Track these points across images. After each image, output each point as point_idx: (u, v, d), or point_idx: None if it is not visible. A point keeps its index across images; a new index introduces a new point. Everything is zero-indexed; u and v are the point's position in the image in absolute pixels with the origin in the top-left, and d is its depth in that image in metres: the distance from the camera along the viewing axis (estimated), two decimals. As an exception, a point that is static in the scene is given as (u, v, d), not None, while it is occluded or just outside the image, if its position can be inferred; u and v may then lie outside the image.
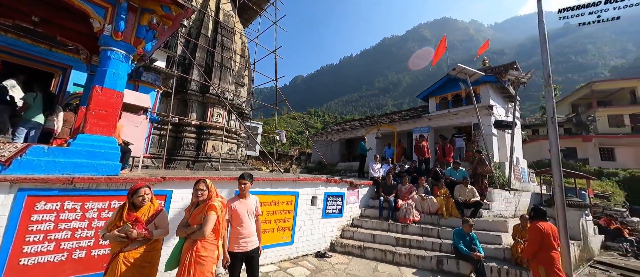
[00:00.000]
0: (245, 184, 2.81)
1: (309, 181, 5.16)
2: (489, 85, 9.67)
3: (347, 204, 6.05)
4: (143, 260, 2.16)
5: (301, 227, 4.94)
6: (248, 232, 2.72)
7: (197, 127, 8.99)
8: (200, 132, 9.04)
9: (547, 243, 3.64)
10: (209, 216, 2.27)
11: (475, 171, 6.50)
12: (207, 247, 2.25)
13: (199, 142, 9.09)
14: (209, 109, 9.35)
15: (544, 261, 3.63)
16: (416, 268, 4.85)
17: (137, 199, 2.22)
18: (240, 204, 2.78)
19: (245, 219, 2.73)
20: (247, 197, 2.87)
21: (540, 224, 3.74)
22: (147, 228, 2.18)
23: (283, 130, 11.37)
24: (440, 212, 6.04)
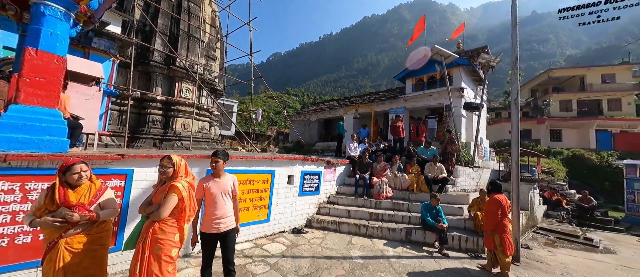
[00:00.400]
0: (217, 162, 2.60)
1: (285, 160, 5.08)
2: (461, 68, 10.03)
3: (324, 182, 6.13)
4: (92, 243, 1.96)
5: (277, 205, 4.92)
6: (221, 213, 2.56)
7: (163, 103, 8.28)
8: (168, 109, 8.36)
9: (504, 213, 4.04)
10: (169, 198, 2.08)
11: (446, 149, 6.88)
12: (166, 229, 2.06)
13: (166, 120, 8.43)
14: (177, 83, 8.60)
15: (500, 229, 4.03)
16: (387, 239, 5.16)
17: (71, 177, 1.95)
18: (214, 184, 2.59)
19: (219, 199, 2.56)
20: (222, 176, 2.67)
21: (499, 196, 4.11)
22: (90, 210, 1.96)
23: (259, 109, 10.96)
24: (411, 188, 6.39)
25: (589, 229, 8.51)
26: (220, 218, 2.55)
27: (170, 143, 8.09)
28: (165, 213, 2.04)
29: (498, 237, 4.02)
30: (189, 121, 8.60)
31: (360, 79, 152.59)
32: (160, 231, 2.03)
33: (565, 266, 4.85)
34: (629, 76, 25.24)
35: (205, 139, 9.34)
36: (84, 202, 1.97)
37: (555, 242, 6.64)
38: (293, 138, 18.00)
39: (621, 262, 5.37)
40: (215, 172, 2.64)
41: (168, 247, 2.02)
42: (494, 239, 4.06)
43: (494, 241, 4.06)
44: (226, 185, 2.65)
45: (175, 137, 8.22)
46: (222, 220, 2.56)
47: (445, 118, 10.04)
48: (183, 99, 8.62)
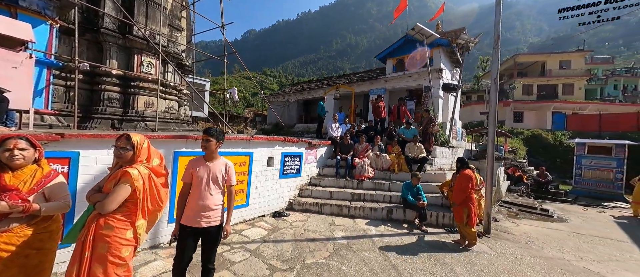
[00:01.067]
0: (208, 141, 2.13)
1: (264, 141, 4.72)
2: (441, 50, 10.07)
3: (305, 164, 5.91)
4: (28, 245, 1.54)
5: (257, 188, 4.63)
6: (205, 204, 2.10)
7: (120, 78, 7.27)
8: (127, 85, 7.36)
9: (473, 186, 4.17)
10: (119, 187, 1.67)
11: (426, 130, 6.95)
12: (115, 225, 1.66)
13: (125, 98, 7.45)
14: (136, 56, 7.55)
15: (468, 201, 4.16)
16: (369, 218, 5.18)
17: (4, 155, 1.51)
18: (203, 168, 2.15)
19: (203, 187, 2.11)
20: (214, 159, 2.20)
21: (467, 172, 4.21)
22: (26, 199, 1.52)
23: (234, 88, 10.18)
24: (392, 168, 6.43)
25: (545, 201, 9.45)
26: (202, 211, 2.10)
27: (132, 124, 7.25)
28: (111, 206, 1.63)
29: (467, 209, 4.16)
30: (153, 100, 7.71)
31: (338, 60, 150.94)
32: (106, 226, 1.63)
33: (528, 235, 5.27)
34: (582, 63, 27.73)
35: (173, 120, 8.54)
36: (23, 189, 1.52)
37: (518, 214, 7.24)
38: (271, 120, 17.39)
39: (573, 229, 6.00)
40: (207, 154, 2.19)
41: (117, 246, 1.63)
42: (463, 212, 4.20)
43: (463, 213, 4.20)
44: (216, 170, 2.17)
45: (137, 118, 7.36)
46: (204, 213, 2.10)
47: (424, 99, 10.18)
48: (144, 74, 7.65)
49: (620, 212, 8.30)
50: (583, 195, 10.86)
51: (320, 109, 9.09)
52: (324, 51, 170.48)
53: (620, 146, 10.46)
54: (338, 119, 7.71)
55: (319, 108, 9.05)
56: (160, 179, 1.92)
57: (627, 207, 8.88)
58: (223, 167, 2.22)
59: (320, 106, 9.09)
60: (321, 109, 9.05)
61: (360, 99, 13.78)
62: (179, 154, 3.50)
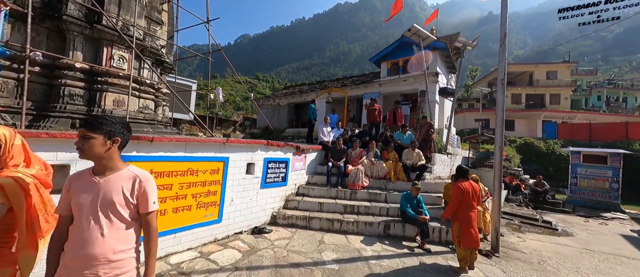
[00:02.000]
0: (87, 140, 1.20)
1: (243, 145, 4.04)
2: (437, 53, 9.73)
3: (293, 171, 5.24)
4: None
5: (232, 200, 3.92)
6: (88, 255, 1.16)
7: (86, 72, 6.43)
8: (93, 81, 6.52)
9: (466, 202, 3.59)
10: None
11: (426, 136, 6.44)
12: None
13: (91, 94, 6.60)
14: (105, 48, 6.74)
15: (460, 218, 3.58)
16: (364, 235, 4.53)
17: None
18: (88, 188, 1.23)
19: (87, 222, 1.19)
20: (111, 171, 1.28)
21: (461, 184, 3.65)
22: None
23: (219, 88, 9.46)
24: (388, 177, 5.85)
25: (544, 212, 9.08)
26: (87, 266, 1.16)
27: (98, 124, 6.38)
28: None
29: (457, 226, 3.60)
30: (124, 98, 6.90)
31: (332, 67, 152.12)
32: None
33: (539, 253, 4.75)
34: (568, 73, 28.49)
35: (148, 121, 7.69)
36: None
37: (521, 227, 6.76)
38: (261, 124, 16.65)
39: (582, 245, 5.53)
40: (96, 164, 1.26)
41: None
42: (454, 228, 3.65)
43: (454, 230, 3.65)
44: (113, 191, 1.24)
45: (104, 117, 6.50)
46: (91, 271, 1.16)
47: (420, 104, 9.76)
48: (114, 69, 6.84)
49: (622, 224, 7.99)
50: (579, 205, 10.61)
51: (312, 111, 8.46)
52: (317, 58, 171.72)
53: (616, 155, 10.31)
54: (330, 122, 7.11)
55: (310, 110, 8.41)
56: (44, 193, 1.24)
57: (626, 218, 8.61)
58: (128, 183, 1.28)
59: (312, 109, 8.46)
60: (312, 112, 8.42)
61: (354, 103, 13.29)
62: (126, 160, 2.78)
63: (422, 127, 6.71)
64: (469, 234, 3.43)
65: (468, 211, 3.52)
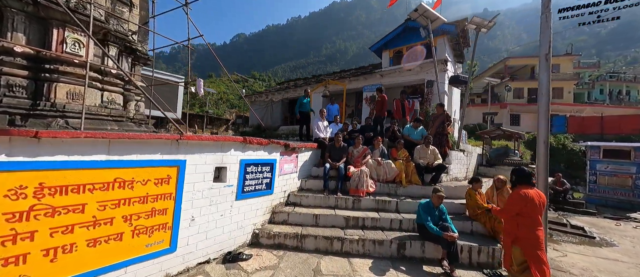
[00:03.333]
0: None
1: (207, 143, 2.96)
2: (446, 38, 8.71)
3: (280, 175, 4.18)
4: None
5: (193, 219, 2.85)
6: None
7: (31, 58, 5.29)
8: (39, 69, 5.38)
9: (531, 217, 2.58)
10: None
11: (442, 130, 5.40)
12: None
13: (37, 85, 5.46)
14: (54, 30, 5.58)
15: (524, 240, 2.58)
16: (372, 258, 3.49)
17: None
18: None
19: None
20: None
21: (525, 191, 2.63)
22: None
23: (200, 80, 8.34)
24: (398, 180, 4.81)
25: (566, 214, 8.14)
26: None
27: (45, 120, 5.25)
28: None
29: (518, 250, 2.60)
30: (79, 89, 5.75)
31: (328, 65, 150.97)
32: None
33: (590, 273, 3.77)
34: (570, 66, 27.73)
35: (115, 118, 6.54)
36: None
37: (552, 235, 5.78)
38: (253, 121, 15.55)
39: (634, 258, 4.57)
40: None
41: None
42: (513, 253, 2.66)
43: (511, 255, 2.66)
44: None
45: (53, 112, 5.37)
46: None
47: (426, 96, 8.75)
48: (68, 56, 5.68)
49: (659, 227, 7.05)
50: (600, 204, 9.73)
51: (302, 105, 7.29)
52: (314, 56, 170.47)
53: (641, 149, 9.41)
54: (328, 114, 6.04)
55: (300, 104, 7.26)
56: None
57: (659, 219, 7.69)
58: None
59: (302, 102, 7.29)
60: (303, 106, 7.25)
61: (353, 98, 12.24)
62: None
63: (435, 118, 5.68)
64: (538, 264, 2.42)
65: (534, 229, 2.50)
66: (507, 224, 2.74)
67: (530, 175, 2.77)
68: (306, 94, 7.21)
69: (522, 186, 2.69)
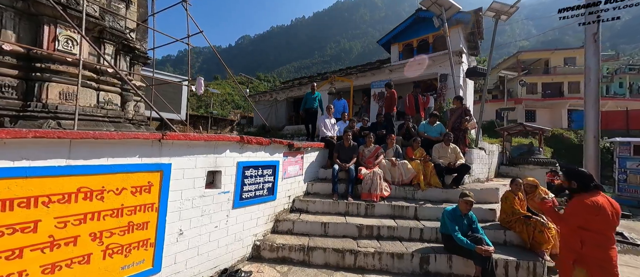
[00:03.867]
0: None
1: (198, 143, 2.53)
2: (460, 28, 8.12)
3: (284, 179, 3.74)
4: None
5: (182, 232, 2.43)
6: None
7: (22, 57, 5.01)
8: (30, 68, 5.10)
9: (603, 232, 2.05)
10: None
11: (460, 125, 4.87)
12: None
13: (28, 85, 5.19)
14: (46, 27, 5.30)
15: (591, 260, 2.06)
16: (391, 274, 3.02)
17: None
18: None
19: None
20: None
21: (592, 199, 2.09)
22: None
23: (201, 78, 8.00)
24: (416, 182, 4.30)
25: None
26: None
27: (35, 122, 4.96)
28: None
29: (583, 272, 2.08)
30: (72, 89, 5.46)
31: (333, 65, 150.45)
32: None
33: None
34: (587, 60, 26.43)
35: (111, 119, 6.24)
36: None
37: (588, 242, 5.16)
38: (257, 122, 15.21)
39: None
40: None
41: None
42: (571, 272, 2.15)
43: None
44: None
45: (44, 113, 5.08)
46: None
47: (440, 90, 8.17)
48: (60, 54, 5.39)
49: None
50: (632, 205, 8.95)
51: (308, 101, 6.50)
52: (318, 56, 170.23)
53: (678, 145, 8.59)
54: (334, 111, 5.56)
55: (306, 100, 6.61)
56: None
57: None
58: None
59: (308, 97, 6.59)
60: (309, 102, 6.49)
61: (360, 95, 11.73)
62: None
63: (453, 112, 5.14)
64: None
65: (606, 248, 1.99)
66: (568, 238, 2.22)
67: (591, 178, 2.24)
68: (312, 89, 6.63)
69: (588, 193, 2.15)
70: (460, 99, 5.15)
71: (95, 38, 6.18)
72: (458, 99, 5.15)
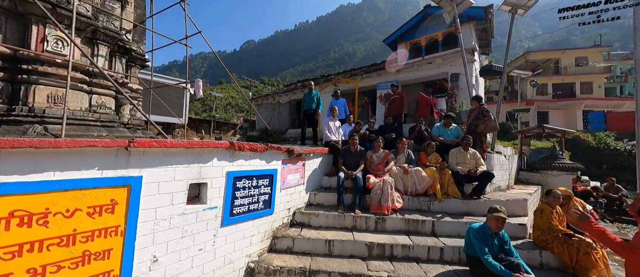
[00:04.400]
0: None
1: (176, 150, 2.13)
2: (472, 25, 7.65)
3: (283, 190, 3.30)
4: None
5: (157, 259, 2.01)
6: None
7: (7, 58, 4.73)
8: (16, 69, 4.82)
9: None
10: None
11: (477, 128, 4.39)
12: None
13: (13, 87, 4.90)
14: (35, 27, 5.03)
15: None
16: (408, 304, 2.54)
17: None
18: None
19: None
20: None
21: None
22: None
23: (199, 80, 7.68)
24: (431, 192, 3.82)
25: (626, 226, 6.80)
26: None
27: (20, 127, 4.65)
28: None
29: None
30: (60, 91, 5.15)
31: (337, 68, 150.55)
32: None
33: None
34: (600, 59, 25.54)
35: (104, 123, 5.92)
36: None
37: (627, 259, 4.58)
38: (260, 125, 14.87)
39: None
40: None
41: None
42: None
43: None
44: None
45: (30, 117, 4.77)
46: None
47: (451, 91, 7.69)
48: (49, 55, 5.10)
49: None
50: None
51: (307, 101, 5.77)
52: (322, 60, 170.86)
53: None
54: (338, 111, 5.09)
55: (306, 100, 5.82)
56: None
57: None
58: None
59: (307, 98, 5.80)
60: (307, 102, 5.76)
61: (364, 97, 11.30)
62: None
63: (471, 113, 4.66)
64: None
65: None
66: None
67: None
68: (310, 88, 5.81)
69: None
70: (479, 99, 4.67)
71: (88, 39, 5.89)
72: (476, 99, 4.66)
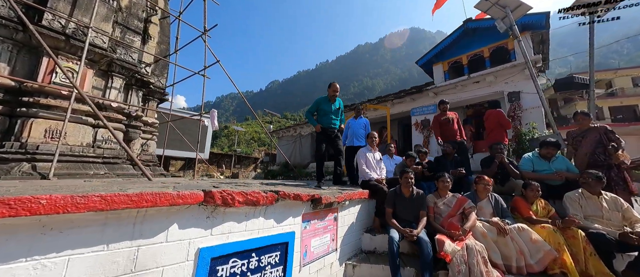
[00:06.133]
0: None
1: (76, 216, 1.01)
2: (528, 35, 6.39)
3: (304, 267, 1.99)
4: None
5: None
6: None
7: (10, 91, 4.35)
8: (16, 102, 4.41)
9: None
10: None
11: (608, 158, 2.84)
12: None
13: (11, 121, 4.44)
14: (46, 59, 4.72)
15: None
16: None
17: None
18: None
19: None
20: None
21: None
22: None
23: (214, 111, 7.07)
24: (557, 269, 2.22)
25: None
26: None
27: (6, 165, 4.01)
28: None
29: None
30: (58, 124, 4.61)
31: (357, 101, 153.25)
32: None
33: None
34: (665, 78, 22.19)
35: (106, 160, 5.22)
36: None
37: None
38: (281, 159, 13.97)
39: None
40: None
41: None
42: None
43: None
44: None
45: (20, 154, 4.15)
46: None
47: (513, 112, 6.18)
48: (53, 87, 4.68)
49: None
50: None
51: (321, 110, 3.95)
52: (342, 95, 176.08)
53: None
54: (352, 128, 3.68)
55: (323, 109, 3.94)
56: None
57: None
58: None
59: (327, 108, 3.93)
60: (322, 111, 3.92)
61: (395, 127, 10.02)
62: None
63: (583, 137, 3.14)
64: None
65: None
66: None
67: None
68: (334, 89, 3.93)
69: None
70: (586, 116, 3.19)
71: (103, 71, 5.58)
72: (585, 116, 3.18)
